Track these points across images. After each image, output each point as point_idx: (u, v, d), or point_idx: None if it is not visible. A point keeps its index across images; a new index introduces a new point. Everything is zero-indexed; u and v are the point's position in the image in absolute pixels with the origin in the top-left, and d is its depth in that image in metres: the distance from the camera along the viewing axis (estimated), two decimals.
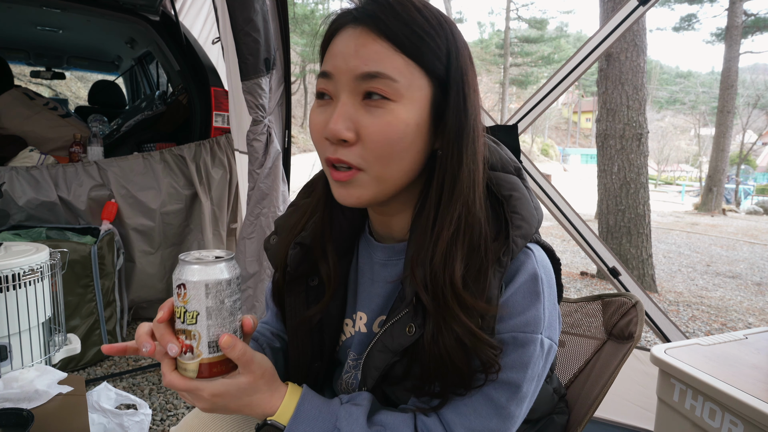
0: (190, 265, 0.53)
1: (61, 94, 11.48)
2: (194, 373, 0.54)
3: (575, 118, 39.71)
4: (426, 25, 0.54)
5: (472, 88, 0.57)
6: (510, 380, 0.56)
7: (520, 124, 1.85)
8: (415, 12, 0.54)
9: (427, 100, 0.55)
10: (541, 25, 27.00)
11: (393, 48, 0.53)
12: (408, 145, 0.55)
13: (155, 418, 1.77)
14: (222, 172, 2.68)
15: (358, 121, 0.54)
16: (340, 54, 0.55)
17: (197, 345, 0.53)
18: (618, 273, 1.80)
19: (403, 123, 0.54)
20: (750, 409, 0.89)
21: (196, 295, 0.52)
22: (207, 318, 0.53)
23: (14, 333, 1.42)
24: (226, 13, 1.96)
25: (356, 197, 0.58)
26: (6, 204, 2.20)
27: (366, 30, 0.54)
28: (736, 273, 5.29)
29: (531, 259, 0.58)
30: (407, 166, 0.57)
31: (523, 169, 0.66)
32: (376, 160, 0.55)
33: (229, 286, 0.53)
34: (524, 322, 0.56)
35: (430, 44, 0.54)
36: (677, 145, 29.54)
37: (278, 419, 0.58)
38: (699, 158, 22.85)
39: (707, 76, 35.69)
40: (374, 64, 0.53)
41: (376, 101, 0.53)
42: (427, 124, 0.56)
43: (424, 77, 0.55)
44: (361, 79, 0.53)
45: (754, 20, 14.24)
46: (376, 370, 0.62)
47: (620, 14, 1.75)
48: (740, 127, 18.32)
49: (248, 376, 0.56)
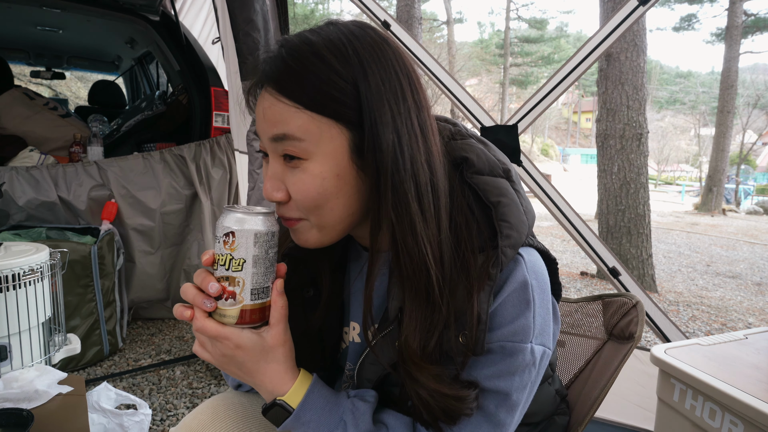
0: (239, 214, 0.55)
1: (61, 94, 11.47)
2: (234, 318, 0.56)
3: (575, 118, 39.71)
4: (325, 71, 0.52)
5: (389, 126, 0.53)
6: (498, 389, 0.56)
7: (520, 124, 1.85)
8: (313, 59, 0.53)
9: (343, 147, 0.54)
10: (541, 25, 26.99)
11: (295, 106, 0.53)
12: (333, 195, 0.55)
13: (155, 418, 1.77)
14: (222, 172, 2.68)
15: (284, 181, 0.57)
16: (257, 116, 0.57)
17: (240, 291, 0.55)
18: (618, 273, 1.80)
19: (318, 178, 0.54)
20: (750, 409, 0.89)
21: (245, 243, 0.54)
22: (253, 266, 0.55)
23: (14, 333, 1.42)
24: (226, 13, 1.96)
25: (303, 241, 0.60)
26: (6, 204, 2.20)
27: (270, 91, 0.54)
28: (736, 273, 5.29)
29: (521, 267, 0.56)
30: (343, 211, 0.57)
31: (522, 167, 0.65)
32: (309, 213, 0.57)
33: (273, 237, 0.56)
34: (513, 331, 0.55)
35: (331, 92, 0.52)
36: (677, 145, 29.53)
37: (288, 401, 0.58)
38: (699, 158, 22.84)
39: (707, 76, 35.70)
40: (280, 126, 0.54)
41: (293, 162, 0.55)
42: (350, 170, 0.55)
43: (335, 126, 0.53)
44: (273, 141, 0.55)
45: (754, 20, 14.24)
46: (368, 382, 0.63)
47: (620, 14, 1.75)
48: (740, 127, 18.31)
49: (273, 338, 0.57)
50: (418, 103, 0.56)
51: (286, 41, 0.55)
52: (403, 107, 0.54)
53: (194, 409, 0.76)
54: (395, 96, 0.54)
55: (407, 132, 0.54)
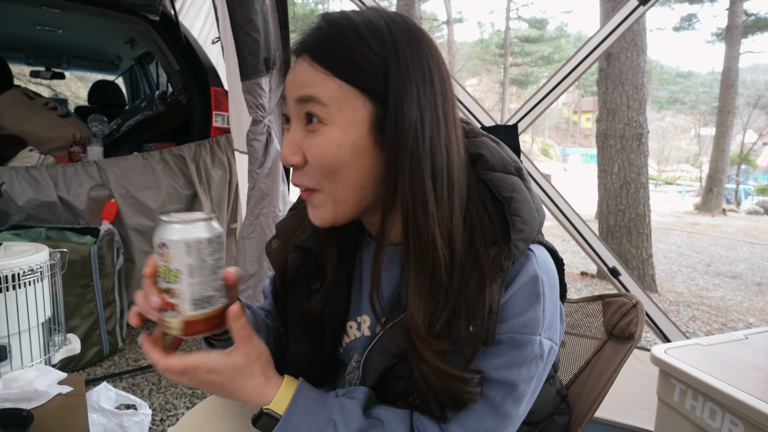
0: (171, 225, 0.54)
1: (60, 94, 11.48)
2: (179, 330, 0.55)
3: (575, 118, 39.71)
4: (359, 44, 0.55)
5: (414, 104, 0.55)
6: (506, 379, 0.57)
7: (520, 124, 1.85)
8: (349, 32, 0.55)
9: (364, 119, 0.56)
10: (541, 25, 26.99)
11: (325, 73, 0.55)
12: (348, 165, 0.56)
13: (155, 418, 1.77)
14: (222, 172, 2.68)
15: (302, 146, 0.58)
16: (287, 82, 0.60)
17: (181, 303, 0.54)
18: (618, 273, 1.80)
19: (335, 144, 0.55)
20: (750, 409, 0.89)
21: (177, 253, 0.53)
22: (189, 276, 0.54)
23: (14, 333, 1.42)
24: (226, 13, 1.96)
25: (320, 218, 0.60)
26: (6, 204, 2.20)
27: (305, 58, 0.57)
28: (737, 273, 5.29)
29: (532, 261, 0.57)
30: (355, 183, 0.57)
31: (525, 169, 0.65)
32: (324, 180, 0.57)
33: (209, 244, 0.54)
34: (522, 323, 0.56)
35: (362, 64, 0.55)
36: (677, 145, 29.53)
37: (274, 408, 0.58)
38: (699, 158, 22.84)
39: (707, 76, 35.66)
40: (307, 89, 0.56)
41: (313, 125, 0.56)
42: (368, 142, 0.56)
43: (361, 97, 0.55)
44: (299, 102, 0.57)
45: (754, 20, 14.25)
46: (374, 371, 0.63)
47: (620, 14, 1.75)
48: (740, 127, 18.31)
49: (244, 356, 0.57)
50: (444, 93, 0.58)
51: (327, 15, 0.58)
52: (429, 91, 0.56)
53: (192, 409, 0.76)
54: (423, 79, 0.56)
55: (430, 114, 0.56)
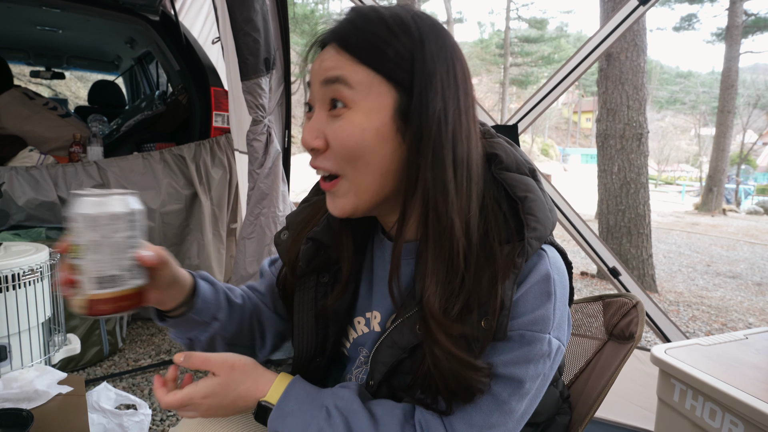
0: (80, 198, 0.52)
1: (60, 94, 11.48)
2: (84, 309, 0.53)
3: (575, 118, 39.70)
4: (386, 34, 0.56)
5: (438, 94, 0.57)
6: (513, 375, 0.57)
7: (520, 124, 1.85)
8: (377, 23, 0.57)
9: (388, 106, 0.57)
10: (541, 25, 26.99)
11: (352, 59, 0.57)
12: (370, 150, 0.57)
13: (155, 418, 1.77)
14: (222, 172, 2.68)
15: (324, 130, 0.59)
16: (313, 68, 0.61)
17: (85, 280, 0.52)
18: (618, 273, 1.80)
19: (359, 129, 0.56)
20: (750, 409, 0.89)
21: (81, 228, 0.51)
22: (93, 252, 0.52)
23: (14, 333, 1.42)
24: (226, 13, 1.96)
25: (340, 207, 0.61)
26: (6, 204, 2.20)
27: (333, 47, 0.59)
28: (737, 273, 5.29)
29: (544, 261, 0.58)
30: (377, 170, 0.58)
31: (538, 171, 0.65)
32: (346, 164, 0.58)
33: (117, 220, 0.52)
34: (533, 320, 0.56)
35: (388, 53, 0.56)
36: (677, 145, 29.53)
37: (269, 399, 0.61)
38: (699, 158, 22.83)
39: (707, 76, 35.65)
40: (333, 71, 0.57)
41: (338, 110, 0.57)
42: (391, 129, 0.57)
43: (386, 84, 0.57)
44: (325, 84, 0.58)
45: (754, 20, 14.25)
46: (384, 365, 0.63)
47: (620, 14, 1.75)
48: (740, 127, 18.30)
49: (219, 377, 0.61)
50: (465, 89, 0.60)
51: (356, 8, 0.60)
52: (452, 84, 0.58)
53: None
54: (447, 72, 0.58)
55: (453, 106, 0.58)
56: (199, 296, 0.69)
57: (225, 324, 0.72)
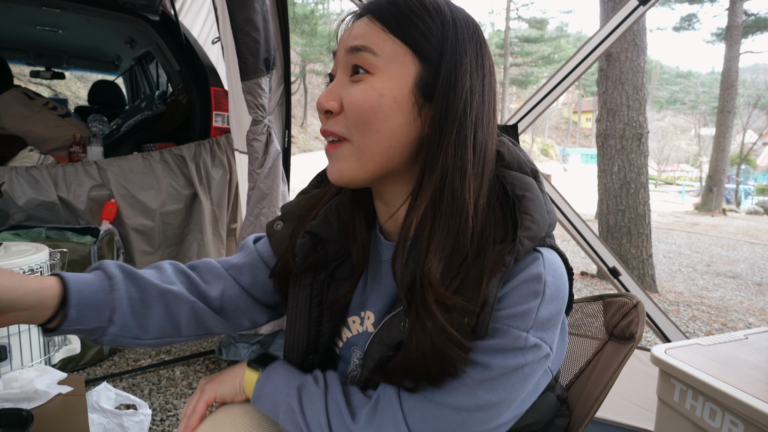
0: None
1: (60, 94, 11.48)
2: None
3: (575, 118, 39.69)
4: (421, 10, 0.57)
5: (467, 75, 0.57)
6: (478, 361, 0.56)
7: (520, 124, 1.85)
8: (414, 1, 0.58)
9: (410, 77, 0.57)
10: (541, 25, 27.00)
11: (381, 28, 0.57)
12: (384, 117, 0.57)
13: (155, 418, 1.77)
14: (222, 172, 2.68)
15: (341, 93, 0.59)
16: (342, 37, 0.62)
17: None
18: (618, 273, 1.80)
19: (377, 93, 0.57)
20: (750, 410, 0.89)
21: None
22: None
23: (14, 333, 1.42)
24: (226, 13, 1.95)
25: (339, 171, 0.60)
26: (6, 204, 2.20)
27: (365, 18, 0.60)
28: (737, 273, 5.28)
29: (538, 262, 0.56)
30: (386, 140, 0.58)
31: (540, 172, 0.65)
32: (355, 129, 0.58)
33: None
34: (511, 315, 0.55)
35: (419, 25, 0.57)
36: (677, 145, 29.53)
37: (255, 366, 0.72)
38: (699, 158, 22.84)
39: (707, 76, 35.66)
40: (360, 39, 0.58)
41: (359, 75, 0.58)
42: (408, 100, 0.57)
43: (411, 55, 0.57)
44: (350, 52, 0.58)
45: (754, 20, 14.24)
46: (371, 361, 0.63)
47: (620, 14, 1.75)
48: (740, 127, 18.30)
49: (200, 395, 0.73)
50: (490, 82, 0.61)
51: None
52: (480, 70, 0.59)
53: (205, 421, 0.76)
54: (476, 57, 0.59)
55: (479, 91, 0.59)
56: (72, 305, 0.60)
57: (129, 325, 0.66)
